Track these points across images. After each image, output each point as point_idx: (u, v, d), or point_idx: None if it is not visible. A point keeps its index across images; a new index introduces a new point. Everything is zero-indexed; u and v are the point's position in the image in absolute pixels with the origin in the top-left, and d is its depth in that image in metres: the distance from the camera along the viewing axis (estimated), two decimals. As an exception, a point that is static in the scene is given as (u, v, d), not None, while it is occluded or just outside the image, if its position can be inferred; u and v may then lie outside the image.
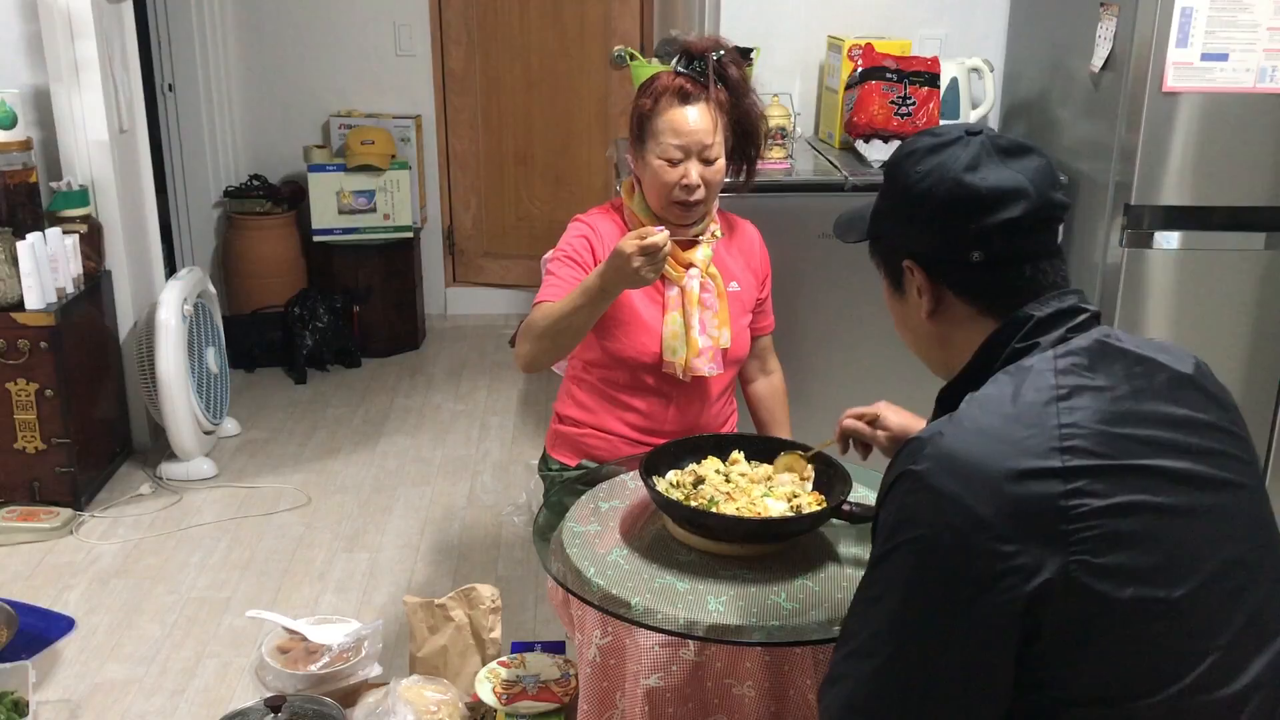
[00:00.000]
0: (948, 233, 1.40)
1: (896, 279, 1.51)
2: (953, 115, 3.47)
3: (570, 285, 2.32)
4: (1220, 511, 1.30)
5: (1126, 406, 1.31)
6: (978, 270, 1.40)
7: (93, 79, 3.87)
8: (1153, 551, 1.24)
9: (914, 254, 1.45)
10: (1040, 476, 1.23)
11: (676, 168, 2.30)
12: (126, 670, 2.99)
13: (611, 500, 2.15)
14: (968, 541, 1.22)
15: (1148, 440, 1.29)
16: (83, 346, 3.83)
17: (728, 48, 2.39)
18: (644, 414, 2.47)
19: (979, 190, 1.37)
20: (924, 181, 1.41)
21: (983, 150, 1.40)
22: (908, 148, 1.47)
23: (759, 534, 1.92)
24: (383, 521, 3.78)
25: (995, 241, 1.38)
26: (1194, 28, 2.87)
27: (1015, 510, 1.22)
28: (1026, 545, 1.21)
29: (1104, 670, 1.24)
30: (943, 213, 1.40)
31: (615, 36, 5.44)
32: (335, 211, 5.18)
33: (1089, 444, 1.26)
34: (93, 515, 3.78)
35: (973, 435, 1.28)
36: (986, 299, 1.41)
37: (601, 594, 1.83)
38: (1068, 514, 1.22)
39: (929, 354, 1.53)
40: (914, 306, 1.48)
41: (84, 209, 3.91)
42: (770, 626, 1.75)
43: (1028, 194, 1.37)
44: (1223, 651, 1.26)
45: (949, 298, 1.44)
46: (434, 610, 2.55)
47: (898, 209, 1.47)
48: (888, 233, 1.51)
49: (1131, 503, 1.24)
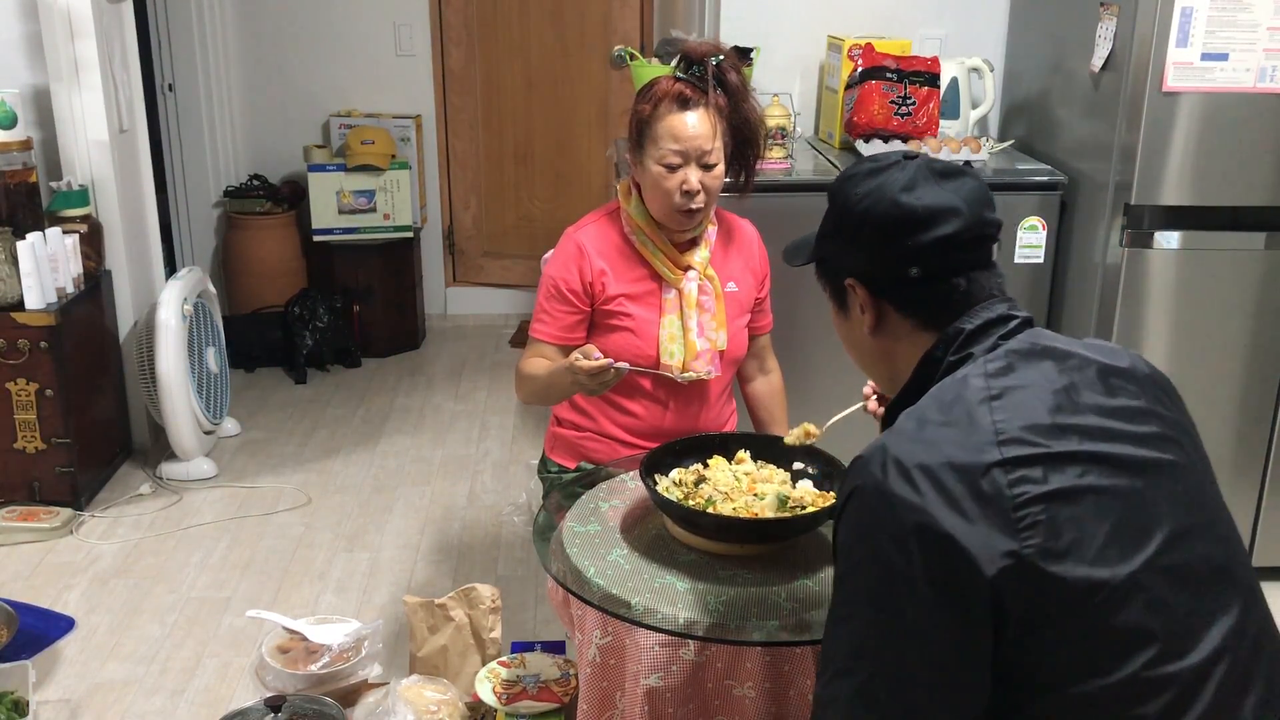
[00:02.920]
0: (886, 250, 1.47)
1: (841, 298, 1.57)
2: (953, 115, 3.47)
3: (558, 323, 2.42)
4: (1161, 490, 1.34)
5: (1058, 400, 1.36)
6: (916, 285, 1.47)
7: (93, 79, 3.87)
8: (1096, 532, 1.28)
9: (856, 272, 1.52)
10: (982, 471, 1.28)
11: (676, 173, 2.30)
12: (127, 670, 2.99)
13: (612, 500, 2.15)
14: (924, 541, 1.26)
15: (1081, 429, 1.34)
16: (83, 346, 3.83)
17: (727, 52, 2.39)
18: (641, 417, 2.47)
19: (915, 209, 1.44)
20: (863, 202, 1.48)
21: (919, 172, 1.47)
22: (848, 173, 1.55)
23: (756, 534, 1.92)
24: (383, 521, 3.78)
25: (931, 257, 1.45)
26: (1194, 27, 2.87)
27: (964, 503, 1.27)
28: (979, 535, 1.25)
29: (1065, 652, 1.27)
30: (881, 231, 1.47)
31: (615, 36, 5.44)
32: (335, 211, 5.18)
33: (1024, 435, 1.31)
34: (93, 515, 3.78)
35: (913, 442, 1.32)
36: (925, 313, 1.48)
37: (601, 594, 1.83)
38: (1013, 501, 1.27)
39: (875, 369, 1.60)
40: (857, 324, 1.55)
41: (84, 209, 3.91)
42: (770, 626, 1.75)
43: (961, 212, 1.44)
44: (1180, 622, 1.29)
45: (890, 313, 1.50)
46: (434, 610, 2.55)
47: (840, 230, 1.54)
48: (831, 254, 1.57)
49: (1071, 488, 1.29)
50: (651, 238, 2.39)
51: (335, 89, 5.52)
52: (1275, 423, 3.23)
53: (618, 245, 2.42)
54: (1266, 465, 3.26)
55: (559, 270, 2.41)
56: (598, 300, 2.40)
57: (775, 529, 1.93)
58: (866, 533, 1.32)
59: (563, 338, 2.41)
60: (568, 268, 2.40)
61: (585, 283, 2.39)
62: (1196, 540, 1.34)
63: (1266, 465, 3.26)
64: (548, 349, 2.42)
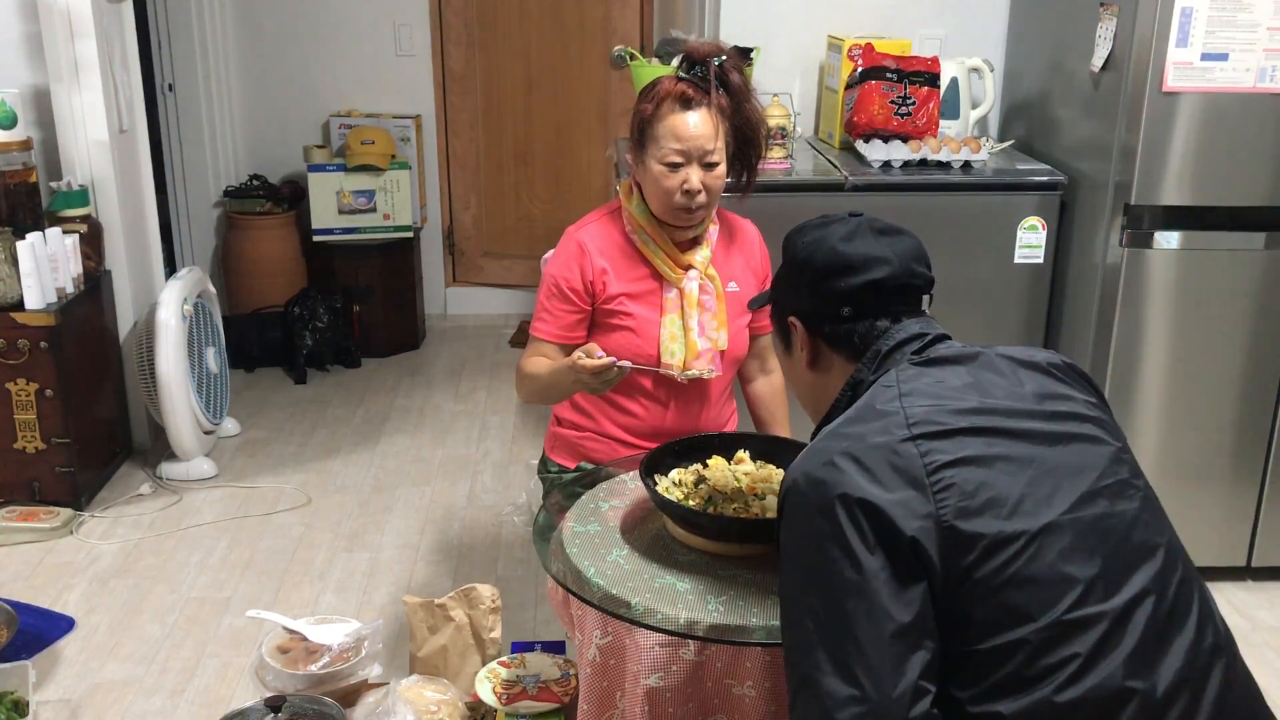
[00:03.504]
0: (822, 291, 1.65)
1: (785, 336, 1.75)
2: (953, 115, 3.47)
3: (559, 322, 2.42)
4: (1073, 457, 1.46)
5: (965, 390, 1.51)
6: (846, 323, 1.65)
7: (93, 79, 3.87)
8: (1009, 491, 1.40)
9: (796, 311, 1.71)
10: (898, 446, 1.42)
11: (678, 173, 2.30)
12: (126, 670, 2.99)
13: (612, 500, 2.15)
14: (848, 507, 1.39)
15: (988, 410, 1.48)
16: (83, 346, 3.83)
17: (729, 52, 2.39)
18: (642, 417, 2.47)
19: (849, 256, 1.63)
20: (807, 249, 1.68)
21: (859, 228, 1.66)
22: (800, 226, 1.74)
23: (756, 534, 1.92)
24: (383, 521, 3.78)
25: (861, 299, 1.63)
26: (1194, 27, 2.88)
27: (881, 474, 1.40)
28: (898, 499, 1.38)
29: (994, 601, 1.37)
30: (819, 275, 1.65)
31: (615, 36, 5.45)
32: (335, 211, 5.18)
33: (930, 417, 1.45)
34: (93, 515, 3.78)
35: (832, 438, 1.48)
36: (852, 348, 1.65)
37: (601, 594, 1.84)
38: (926, 468, 1.40)
39: (812, 400, 1.75)
40: (798, 359, 1.73)
41: (84, 209, 3.92)
42: (771, 626, 1.75)
43: (890, 262, 1.63)
44: (1101, 566, 1.39)
45: (824, 350, 1.68)
46: (434, 610, 2.55)
47: (787, 275, 1.73)
48: (780, 296, 1.77)
49: (978, 455, 1.42)
50: (653, 237, 2.39)
51: (335, 89, 5.52)
52: (1275, 422, 3.23)
53: (619, 244, 2.42)
54: (1266, 465, 3.26)
55: (560, 269, 2.41)
56: (599, 299, 2.41)
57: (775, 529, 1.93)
58: (799, 516, 1.45)
59: (564, 336, 2.42)
60: (569, 266, 2.40)
61: (586, 281, 2.40)
62: (1110, 497, 1.45)
63: (1266, 465, 3.26)
64: (549, 348, 2.42)
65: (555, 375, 2.31)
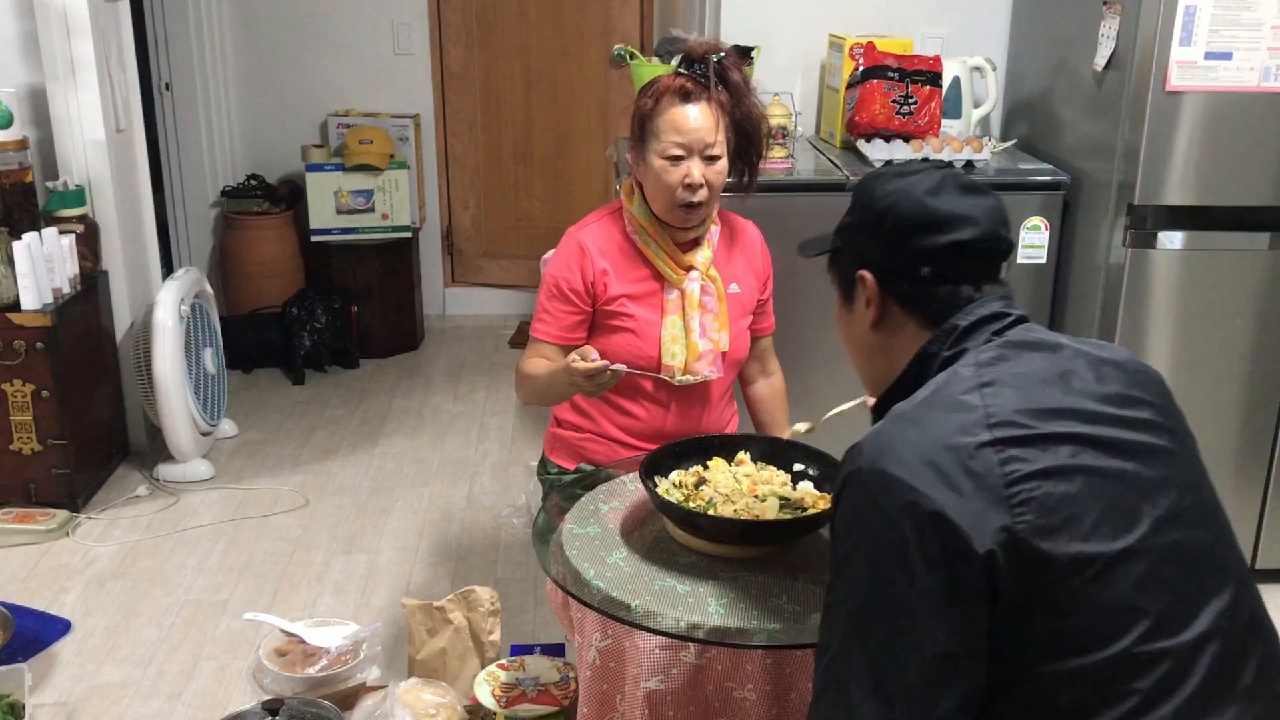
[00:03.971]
0: (903, 246, 1.54)
1: (849, 290, 1.64)
2: (955, 114, 3.47)
3: (559, 323, 2.42)
4: (1153, 473, 1.38)
5: (1049, 385, 1.41)
6: (924, 285, 1.54)
7: (89, 78, 3.87)
8: (1089, 510, 1.32)
9: (869, 264, 1.58)
10: (975, 450, 1.33)
11: (679, 166, 2.30)
12: (123, 673, 2.99)
13: (611, 502, 2.15)
14: (917, 517, 1.30)
15: (1072, 412, 1.39)
16: (79, 347, 3.84)
17: (728, 50, 2.40)
18: (642, 419, 2.47)
19: (936, 211, 1.52)
20: (888, 199, 1.55)
21: (945, 182, 1.55)
22: (876, 172, 1.63)
23: (757, 536, 1.93)
24: (381, 523, 3.78)
25: (943, 259, 1.52)
26: (1197, 26, 2.88)
27: (956, 480, 1.31)
28: (972, 511, 1.29)
29: (1059, 627, 1.30)
30: (902, 228, 1.54)
31: (615, 35, 5.45)
32: (333, 211, 5.18)
33: (1013, 418, 1.36)
34: (89, 517, 3.78)
35: (905, 426, 1.38)
36: (927, 312, 1.54)
37: (601, 596, 1.84)
38: (1005, 478, 1.31)
39: (867, 363, 1.65)
40: (860, 317, 1.61)
41: (80, 209, 3.92)
42: (772, 629, 1.75)
43: (977, 223, 1.52)
44: (1173, 600, 1.32)
45: (894, 309, 1.57)
46: (433, 613, 2.55)
47: (860, 223, 1.60)
48: (848, 245, 1.64)
49: (1061, 466, 1.33)
50: (654, 237, 2.39)
51: (333, 88, 5.52)
52: (1279, 424, 3.23)
53: (620, 245, 2.43)
54: (1270, 467, 3.26)
55: (561, 269, 2.41)
56: (599, 300, 2.41)
57: (776, 531, 1.93)
58: (861, 514, 1.36)
59: (564, 337, 2.42)
60: (570, 267, 2.41)
61: (587, 282, 2.40)
62: (1188, 523, 1.38)
63: (1270, 467, 3.26)
64: (548, 349, 2.42)
65: (552, 377, 2.32)
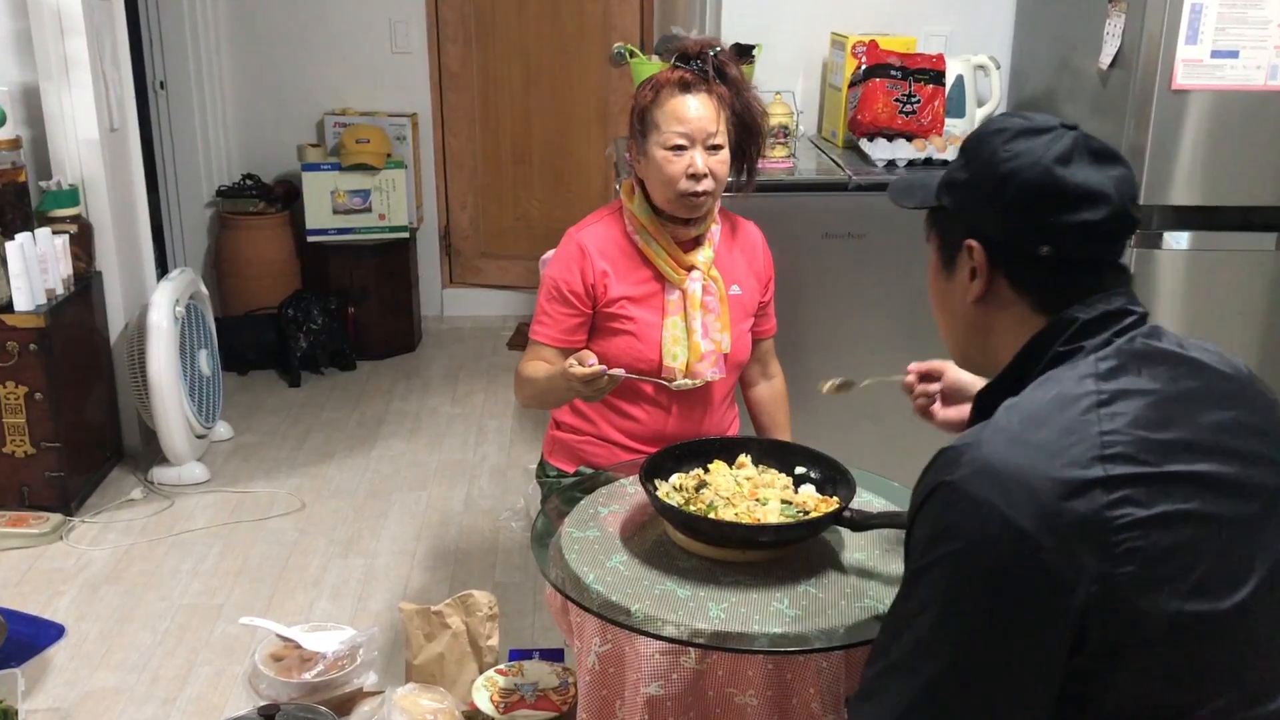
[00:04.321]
0: (1023, 220, 1.38)
1: (950, 256, 1.47)
2: (958, 113, 3.47)
3: (559, 325, 2.41)
4: (1266, 520, 1.29)
5: (1170, 411, 1.29)
6: (1041, 265, 1.38)
7: (83, 76, 3.87)
8: (1198, 563, 1.22)
9: (980, 234, 1.41)
10: (1082, 487, 1.21)
11: (682, 156, 2.30)
12: (117, 678, 2.99)
13: (611, 505, 2.15)
14: (1008, 555, 1.21)
15: (1191, 445, 1.27)
16: (73, 349, 3.83)
17: (724, 46, 2.40)
18: (643, 422, 2.47)
19: (1066, 184, 1.35)
20: (1011, 162, 1.38)
21: (1077, 147, 1.37)
22: (997, 124, 1.43)
23: (758, 540, 1.92)
24: (378, 527, 3.78)
25: (1068, 239, 1.36)
26: (1204, 24, 2.87)
27: (1057, 522, 1.20)
28: (1069, 558, 1.20)
29: (1146, 685, 1.23)
30: (1024, 198, 1.37)
31: (615, 34, 5.45)
32: (330, 211, 5.18)
33: (1131, 450, 1.24)
34: (83, 520, 3.78)
35: (1010, 444, 1.26)
36: (1040, 295, 1.39)
37: (601, 601, 1.83)
38: (1111, 525, 1.20)
39: (963, 339, 1.51)
40: (961, 288, 1.45)
41: (74, 209, 3.92)
42: (773, 634, 1.75)
43: (1110, 200, 1.36)
44: (1264, 669, 1.25)
45: (1003, 287, 1.41)
46: (430, 617, 2.55)
47: (975, 184, 1.42)
48: (957, 206, 1.45)
49: (1176, 512, 1.23)
50: (655, 236, 2.39)
51: (330, 87, 5.52)
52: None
53: (621, 246, 2.43)
54: None
55: (560, 271, 2.41)
56: (600, 302, 2.41)
57: (778, 535, 1.93)
58: (947, 533, 1.26)
59: (563, 340, 2.41)
60: (569, 269, 2.40)
61: (587, 284, 2.39)
62: None
63: None
64: (548, 351, 2.42)
65: (551, 381, 2.31)
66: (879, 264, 3.03)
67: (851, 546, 2.00)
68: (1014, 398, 1.34)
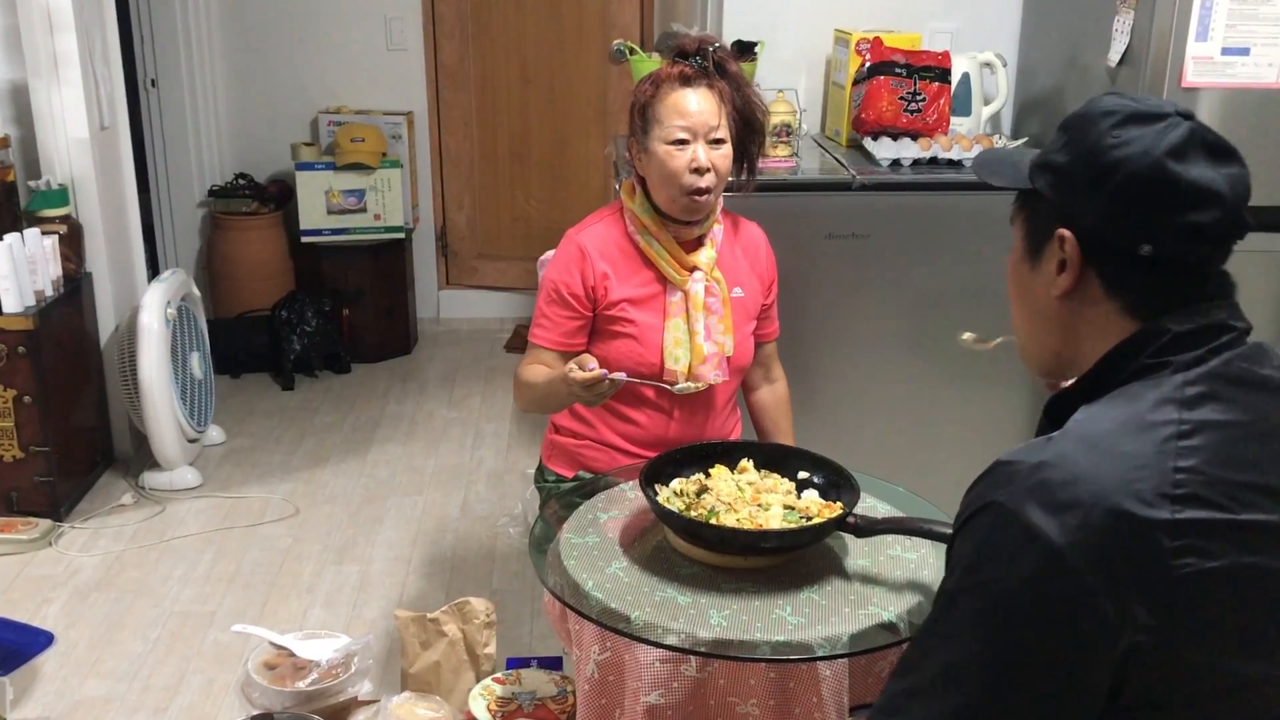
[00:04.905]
0: (1126, 214, 1.28)
1: (1038, 244, 1.37)
2: (964, 112, 3.47)
3: (559, 328, 2.41)
4: None
5: (1254, 450, 1.22)
6: (1139, 265, 1.28)
7: (73, 74, 3.87)
8: (1261, 623, 1.18)
9: (1076, 225, 1.31)
10: (1146, 529, 1.15)
11: (684, 151, 2.30)
12: (107, 687, 2.99)
13: (610, 511, 2.15)
14: (1057, 590, 1.16)
15: (1267, 491, 1.20)
16: (62, 351, 3.84)
17: (722, 43, 2.41)
18: (644, 426, 2.47)
19: (1179, 182, 1.25)
20: (1119, 151, 1.28)
21: (1193, 139, 1.27)
22: (1104, 105, 1.32)
23: (760, 546, 1.92)
24: (373, 533, 3.78)
25: (1173, 240, 1.27)
26: (1214, 21, 2.88)
27: (1113, 561, 1.15)
28: (1120, 601, 1.14)
29: None
30: (1129, 191, 1.27)
31: (614, 30, 5.45)
32: (324, 211, 5.18)
33: (1206, 492, 1.17)
34: (72, 526, 3.78)
35: (1073, 469, 1.19)
36: (1134, 298, 1.30)
37: (600, 608, 1.84)
38: (1171, 574, 1.15)
39: (1040, 335, 1.42)
40: (1046, 280, 1.36)
41: (63, 209, 3.92)
42: (775, 642, 1.75)
43: (1224, 202, 1.27)
44: None
45: (1093, 284, 1.32)
46: (426, 625, 2.55)
47: (1076, 169, 1.32)
48: (1052, 191, 1.35)
49: (1242, 566, 1.17)
50: (656, 236, 2.39)
51: (324, 85, 5.52)
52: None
53: (621, 247, 2.43)
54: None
55: (560, 273, 2.41)
56: (600, 305, 2.41)
57: (780, 541, 1.93)
58: (994, 556, 1.20)
59: (563, 343, 2.41)
60: (569, 270, 2.40)
61: (588, 287, 2.40)
62: None
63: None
64: (547, 355, 2.42)
65: (550, 385, 2.31)
66: (884, 266, 3.03)
67: (855, 553, 2.00)
68: (1085, 412, 1.28)
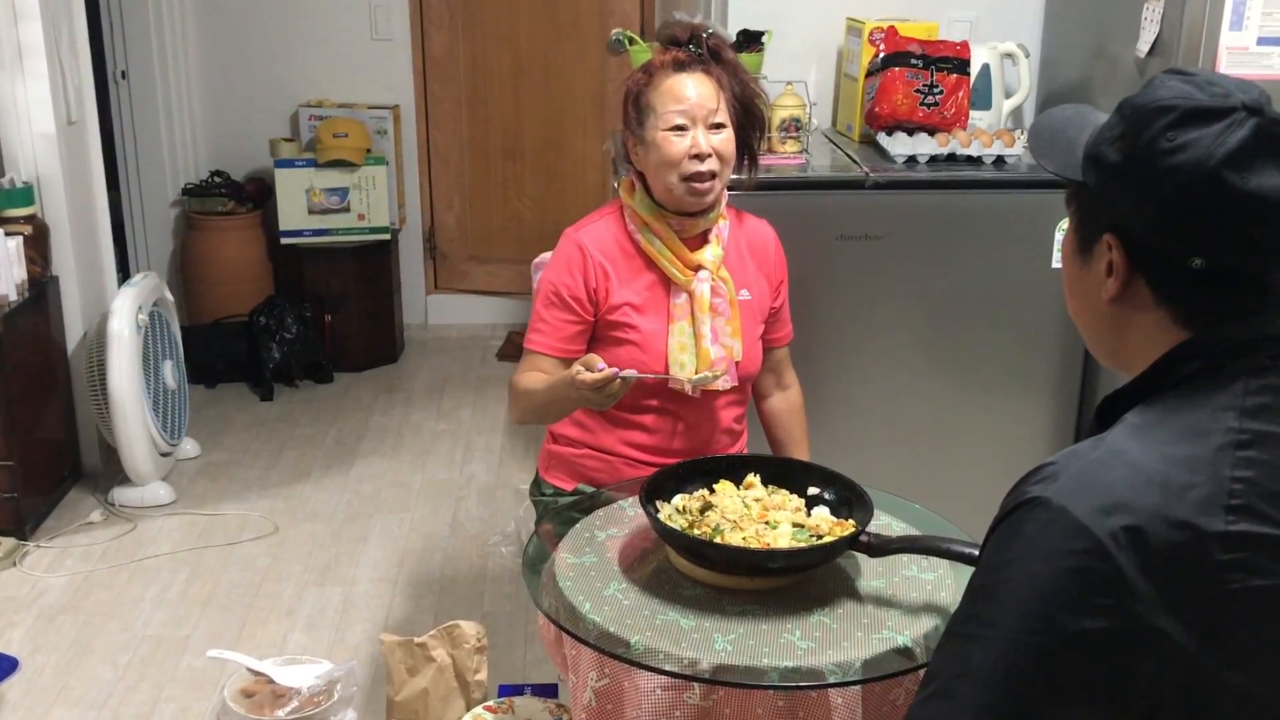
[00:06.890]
0: (1176, 226, 1.25)
1: (1088, 242, 1.35)
2: (984, 105, 3.47)
3: (557, 333, 2.41)
4: None
5: None
6: (1191, 278, 1.26)
7: (38, 65, 3.88)
8: None
9: (1123, 230, 1.29)
10: (1197, 539, 1.15)
11: (683, 137, 2.31)
12: (76, 715, 2.99)
13: (609, 529, 2.15)
14: (1097, 592, 1.15)
15: None
16: (27, 360, 3.84)
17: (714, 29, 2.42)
18: (648, 433, 2.48)
19: (1236, 192, 1.22)
20: (1174, 156, 1.23)
21: (1257, 140, 1.23)
22: (1162, 99, 1.27)
23: (767, 566, 1.92)
24: (357, 552, 3.79)
25: (1227, 254, 1.25)
26: (1249, 9, 2.88)
27: (1159, 569, 1.15)
28: (1162, 611, 1.15)
29: None
30: (1181, 202, 1.23)
31: (613, 19, 5.46)
32: (305, 211, 5.19)
33: (1263, 506, 1.17)
34: (38, 545, 3.78)
35: (1124, 470, 1.20)
36: (1185, 309, 1.29)
37: (598, 632, 1.84)
38: (1219, 588, 1.15)
39: (1094, 332, 1.41)
40: (1096, 281, 1.34)
41: (28, 208, 3.92)
42: (784, 668, 1.75)
43: None
44: None
45: (1142, 291, 1.30)
46: (413, 650, 2.55)
47: (1126, 169, 1.28)
48: (1100, 189, 1.32)
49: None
50: (659, 233, 2.40)
51: (305, 77, 5.53)
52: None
53: (622, 247, 2.43)
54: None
55: (559, 274, 2.42)
56: (601, 308, 2.41)
57: (789, 561, 1.93)
58: (1032, 554, 1.20)
59: (562, 349, 2.41)
60: (569, 272, 2.41)
61: (589, 289, 2.40)
62: None
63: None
64: (545, 362, 2.42)
65: (554, 391, 2.31)
66: (898, 269, 3.04)
67: (869, 573, 2.00)
68: (1139, 414, 1.27)
